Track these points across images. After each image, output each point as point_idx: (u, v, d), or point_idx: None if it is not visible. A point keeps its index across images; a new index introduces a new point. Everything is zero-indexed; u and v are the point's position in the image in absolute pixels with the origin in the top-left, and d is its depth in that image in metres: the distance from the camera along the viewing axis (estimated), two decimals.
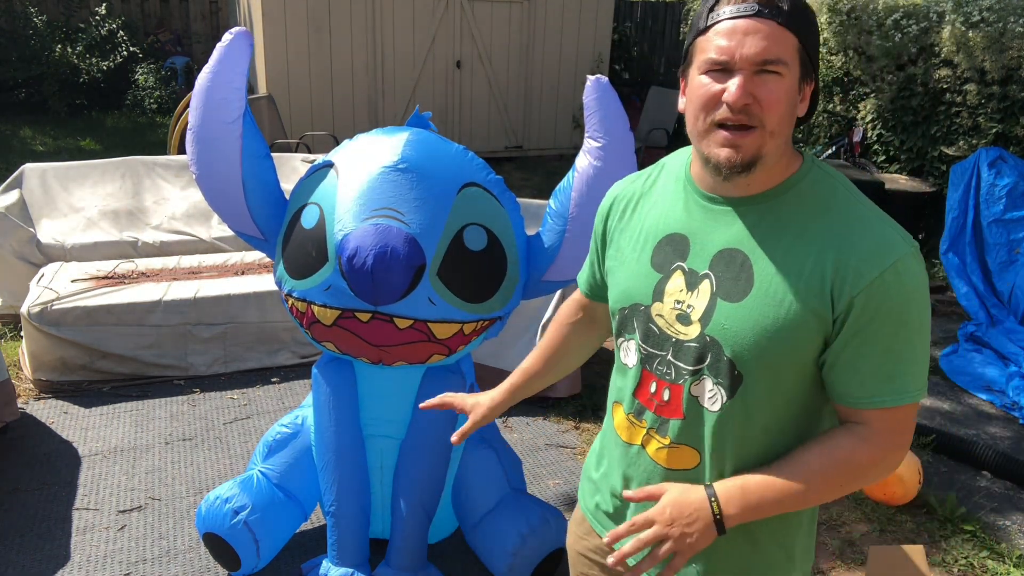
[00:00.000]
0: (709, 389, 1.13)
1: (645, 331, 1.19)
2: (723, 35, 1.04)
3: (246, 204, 2.01)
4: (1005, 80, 5.28)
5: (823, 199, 1.10)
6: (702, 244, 1.14)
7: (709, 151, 1.08)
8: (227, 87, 1.92)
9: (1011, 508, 2.91)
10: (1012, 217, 4.61)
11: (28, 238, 3.96)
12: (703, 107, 1.07)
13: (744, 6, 1.03)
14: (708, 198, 1.15)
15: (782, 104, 1.04)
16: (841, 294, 1.04)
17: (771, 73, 1.03)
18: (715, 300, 1.11)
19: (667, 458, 1.19)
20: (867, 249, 1.04)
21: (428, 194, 1.87)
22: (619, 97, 1.99)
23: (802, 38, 1.05)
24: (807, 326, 1.06)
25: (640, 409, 1.22)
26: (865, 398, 1.07)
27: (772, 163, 1.09)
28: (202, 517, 2.22)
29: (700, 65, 1.07)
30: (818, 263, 1.05)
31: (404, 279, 1.79)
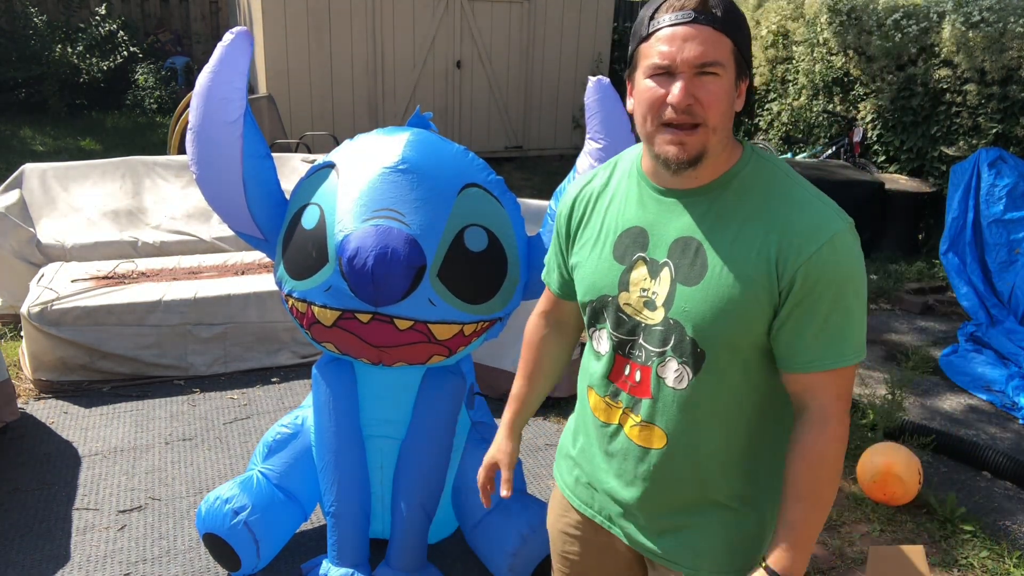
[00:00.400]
0: (675, 369, 1.22)
1: (615, 319, 1.28)
2: (664, 41, 1.12)
3: (247, 204, 2.00)
4: (1005, 80, 5.28)
5: (764, 184, 1.19)
6: (659, 235, 1.23)
7: (659, 149, 1.17)
8: (228, 87, 1.92)
9: (1011, 508, 2.91)
10: (1012, 217, 4.61)
11: (28, 238, 3.96)
12: (650, 109, 1.15)
13: (682, 13, 1.12)
14: (660, 191, 1.24)
15: (721, 103, 1.13)
16: (785, 269, 1.13)
17: (710, 74, 1.12)
18: (675, 285, 1.21)
19: (639, 435, 1.29)
20: (806, 227, 1.14)
21: (429, 195, 1.87)
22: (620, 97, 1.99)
23: (736, 40, 1.14)
24: (758, 301, 1.15)
25: (616, 391, 1.31)
26: (807, 362, 1.17)
27: (716, 156, 1.18)
28: (202, 517, 2.22)
29: (645, 70, 1.15)
30: (764, 244, 1.15)
31: (404, 280, 1.79)
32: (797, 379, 1.19)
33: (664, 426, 1.25)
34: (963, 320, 4.59)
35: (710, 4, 1.13)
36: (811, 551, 1.21)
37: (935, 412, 3.63)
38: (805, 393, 1.20)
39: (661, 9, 1.14)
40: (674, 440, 1.25)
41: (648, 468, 1.29)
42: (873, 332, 4.55)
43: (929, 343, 4.38)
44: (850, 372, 1.20)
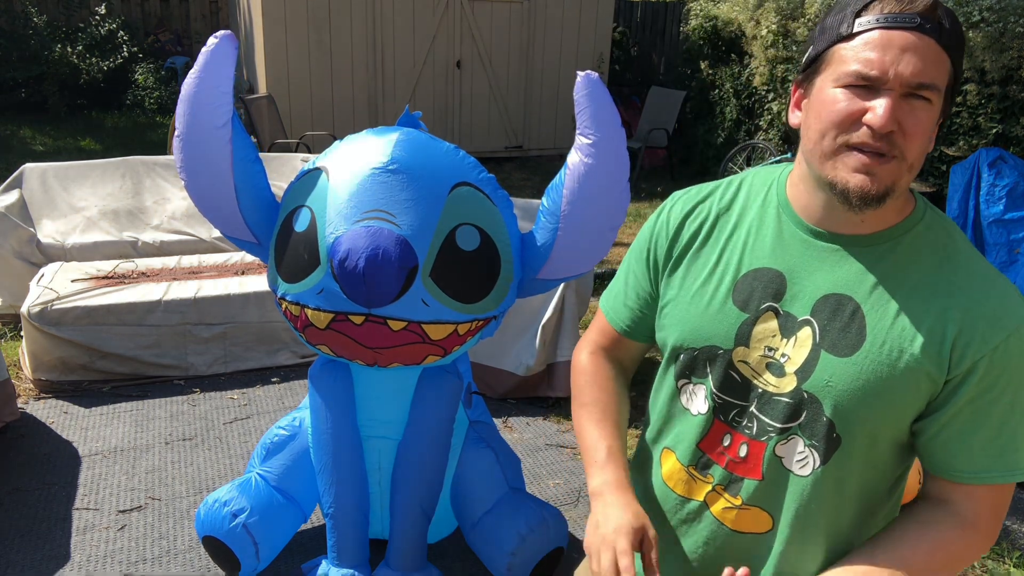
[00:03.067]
0: (799, 451, 1.01)
1: (723, 378, 1.06)
2: (874, 46, 0.90)
3: (238, 208, 2.00)
4: (1005, 80, 5.28)
5: (941, 247, 0.98)
6: (801, 285, 1.01)
7: (836, 175, 0.93)
8: (214, 91, 1.91)
9: (1011, 508, 2.91)
10: (1012, 217, 4.62)
11: (28, 238, 3.96)
12: (836, 125, 0.92)
13: (904, 15, 0.89)
14: (812, 232, 1.01)
15: (925, 136, 0.92)
16: (963, 356, 0.93)
17: (921, 99, 0.90)
18: (818, 351, 0.99)
19: (736, 520, 1.08)
20: (993, 309, 0.94)
21: (419, 195, 1.86)
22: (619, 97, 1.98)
23: (956, 63, 0.92)
24: (917, 388, 0.96)
25: (707, 462, 1.09)
26: (972, 472, 0.97)
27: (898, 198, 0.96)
28: (201, 520, 2.22)
29: (838, 77, 0.92)
30: (939, 319, 0.94)
31: (396, 281, 1.79)
32: (954, 489, 0.99)
33: (773, 511, 1.05)
34: None
35: (939, 13, 0.90)
36: None
37: None
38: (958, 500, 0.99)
39: (875, 5, 0.91)
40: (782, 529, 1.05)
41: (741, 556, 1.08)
42: None
43: None
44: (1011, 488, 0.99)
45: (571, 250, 1.96)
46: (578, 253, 1.97)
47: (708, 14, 8.16)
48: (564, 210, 1.92)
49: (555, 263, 2.01)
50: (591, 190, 1.86)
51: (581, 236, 1.93)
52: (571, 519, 2.69)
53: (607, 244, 1.97)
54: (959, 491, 0.99)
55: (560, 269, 2.02)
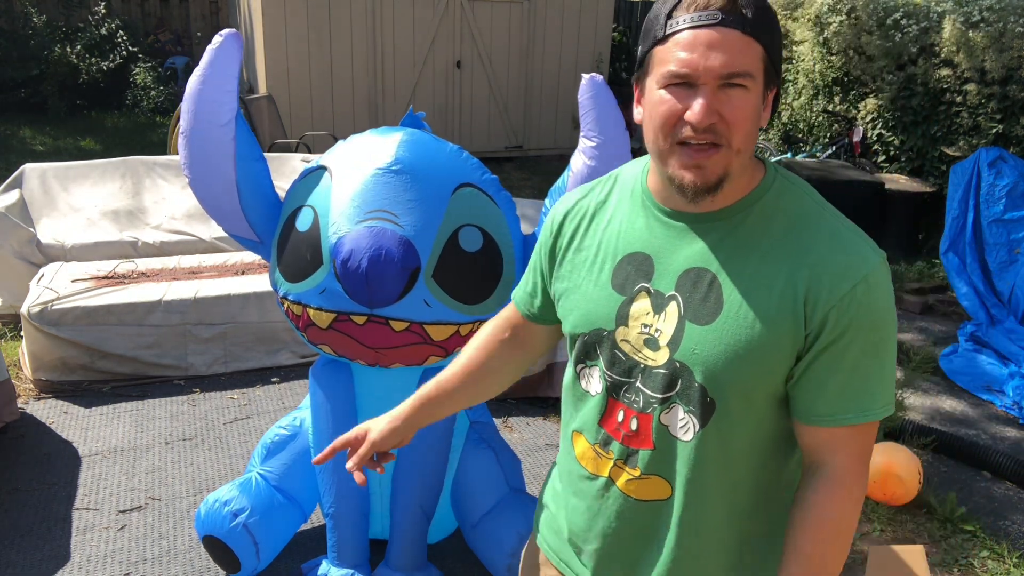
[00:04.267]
0: (680, 418, 1.07)
1: (610, 357, 1.13)
2: (684, 46, 0.96)
3: (241, 207, 2.00)
4: (1005, 80, 5.28)
5: (790, 210, 1.05)
6: (666, 263, 1.08)
7: (672, 172, 1.01)
8: (219, 90, 1.91)
9: (1011, 508, 2.91)
10: (1012, 217, 4.62)
11: (28, 238, 3.96)
12: (663, 126, 1.00)
13: (706, 14, 0.96)
14: (669, 214, 1.09)
15: (748, 120, 0.98)
16: (815, 310, 1.00)
17: (737, 87, 0.97)
18: (683, 323, 1.05)
19: (638, 490, 1.13)
20: (839, 263, 1.00)
21: (422, 196, 1.86)
22: (619, 97, 1.98)
23: (767, 46, 0.98)
24: (780, 345, 1.02)
25: (607, 439, 1.15)
26: (830, 415, 1.03)
27: (736, 178, 1.03)
28: (201, 520, 2.22)
29: (659, 78, 0.99)
30: (790, 281, 1.01)
31: (399, 282, 1.79)
32: (816, 433, 1.05)
33: (669, 478, 1.11)
34: (963, 320, 4.59)
35: (739, 3, 0.97)
36: None
37: (935, 412, 3.63)
38: (822, 449, 1.06)
39: (681, 6, 0.98)
40: (679, 493, 1.10)
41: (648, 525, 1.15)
42: None
43: (929, 343, 4.38)
44: (874, 428, 1.06)
45: None
46: None
47: None
48: None
49: None
50: None
51: None
52: None
53: None
54: (821, 435, 1.05)
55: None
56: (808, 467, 1.09)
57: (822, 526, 1.05)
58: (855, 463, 1.05)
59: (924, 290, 5.06)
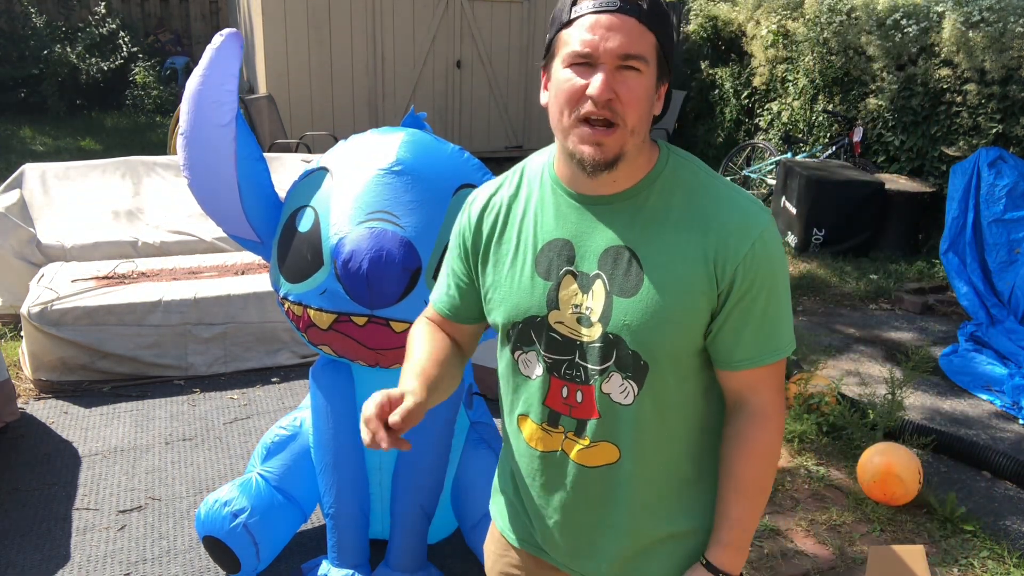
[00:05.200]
0: (619, 384, 1.16)
1: (547, 340, 1.19)
2: (587, 28, 1.06)
3: (242, 207, 2.00)
4: (1005, 80, 5.28)
5: (686, 184, 1.15)
6: (585, 246, 1.16)
7: (574, 147, 1.09)
8: (219, 90, 1.91)
9: (1011, 508, 2.91)
10: (1012, 217, 4.62)
11: (28, 238, 3.96)
12: (567, 101, 1.08)
13: (606, 1, 1.06)
14: (579, 198, 1.17)
15: (642, 102, 1.08)
16: (724, 270, 1.11)
17: (631, 69, 1.06)
18: (611, 298, 1.14)
19: (590, 456, 1.21)
20: (736, 224, 1.11)
21: (423, 197, 1.86)
22: None
23: (660, 37, 1.08)
24: (697, 307, 1.12)
25: (555, 416, 1.22)
26: (747, 360, 1.15)
27: (634, 159, 1.12)
28: (201, 520, 2.22)
29: (564, 58, 1.09)
30: (699, 247, 1.11)
31: (400, 283, 1.79)
32: (738, 377, 1.17)
33: (617, 441, 1.19)
34: (963, 320, 4.59)
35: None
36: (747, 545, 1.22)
37: (935, 412, 3.63)
38: (744, 390, 1.18)
39: None
40: (627, 454, 1.19)
41: (603, 488, 1.22)
42: (873, 332, 4.56)
43: (929, 343, 4.38)
44: (783, 363, 1.20)
45: None
46: None
47: (708, 14, 8.16)
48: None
49: None
50: None
51: None
52: None
53: None
54: (742, 378, 1.17)
55: None
56: (732, 406, 1.21)
57: (755, 453, 1.18)
58: (774, 396, 1.19)
59: (924, 290, 5.06)
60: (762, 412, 1.18)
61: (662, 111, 1.16)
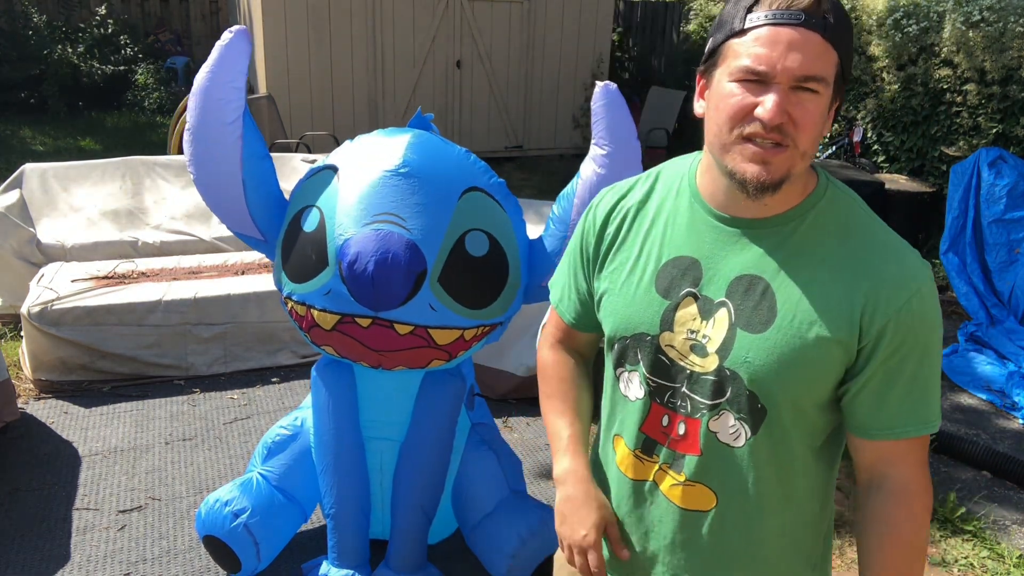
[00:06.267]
0: (731, 425, 1.06)
1: (652, 362, 1.11)
2: (763, 42, 0.94)
3: (247, 205, 2.00)
4: (1005, 80, 5.28)
5: (843, 221, 1.04)
6: (715, 269, 1.06)
7: (735, 165, 0.99)
8: (227, 87, 1.91)
9: (1011, 508, 2.91)
10: (1012, 217, 4.61)
11: (28, 238, 3.96)
12: (732, 119, 0.98)
13: (789, 13, 0.94)
14: (720, 218, 1.07)
15: (816, 125, 0.97)
16: (872, 322, 0.99)
17: (808, 91, 0.95)
18: (734, 330, 1.04)
19: (682, 496, 1.12)
20: (894, 275, 1.00)
21: (430, 199, 1.86)
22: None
23: (842, 54, 0.98)
24: (832, 356, 1.01)
25: (650, 444, 1.14)
26: (891, 429, 1.02)
27: (794, 183, 1.02)
28: (202, 520, 2.22)
29: (732, 72, 0.97)
30: (847, 290, 1.00)
31: (405, 285, 1.78)
32: (876, 448, 1.04)
33: (715, 487, 1.09)
34: (963, 320, 4.59)
35: (823, 7, 0.94)
36: None
37: None
38: (883, 463, 1.05)
39: (763, 2, 0.95)
40: (725, 503, 1.09)
41: (691, 533, 1.13)
42: None
43: None
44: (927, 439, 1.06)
45: None
46: None
47: (708, 14, 8.16)
48: (574, 218, 1.93)
49: None
50: None
51: None
52: None
53: None
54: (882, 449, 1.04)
55: None
56: (869, 482, 1.07)
57: (903, 542, 1.04)
58: (918, 473, 1.04)
59: None
60: (903, 489, 1.04)
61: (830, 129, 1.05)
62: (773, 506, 1.09)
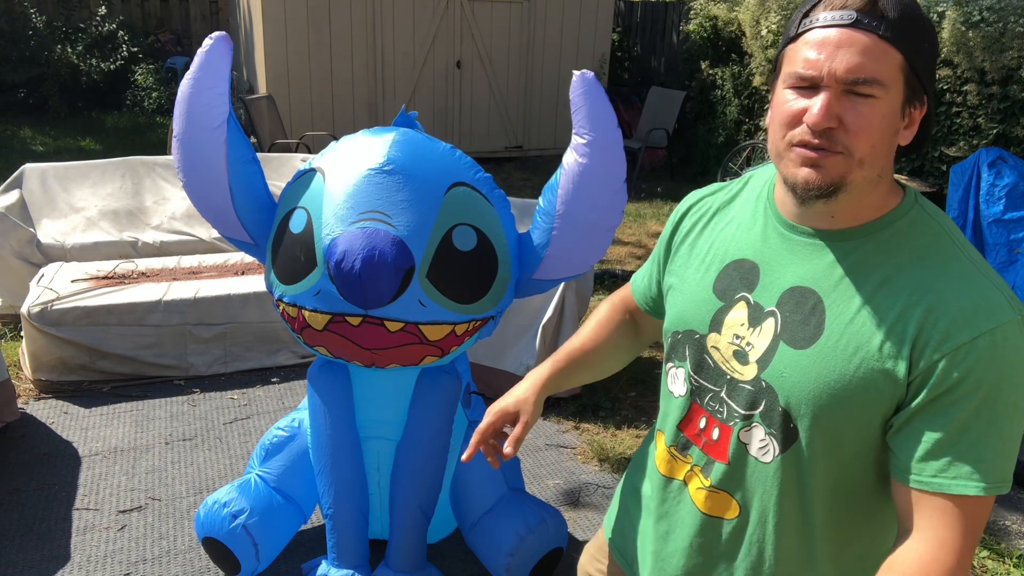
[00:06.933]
0: (760, 439, 1.02)
1: (698, 361, 1.09)
2: (813, 46, 0.91)
3: (234, 210, 2.00)
4: (1005, 80, 5.28)
5: (920, 245, 0.95)
6: (773, 277, 1.02)
7: (787, 171, 0.96)
8: (210, 92, 1.91)
9: (1011, 508, 2.91)
10: (1012, 217, 4.61)
11: (28, 238, 3.96)
12: (784, 125, 0.95)
13: (841, 13, 0.90)
14: (789, 226, 1.03)
15: (874, 131, 0.91)
16: (922, 355, 0.90)
17: (864, 96, 0.90)
18: (777, 342, 1.00)
19: (706, 502, 1.09)
20: (962, 308, 0.89)
21: (415, 195, 1.86)
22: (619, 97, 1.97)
23: (909, 54, 0.90)
24: (876, 387, 0.92)
25: (685, 443, 1.12)
26: (923, 476, 0.90)
27: (862, 195, 0.95)
28: (200, 522, 2.22)
29: (786, 78, 0.95)
30: (902, 317, 0.92)
31: (393, 282, 1.78)
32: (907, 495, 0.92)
33: (738, 498, 1.06)
34: None
35: (880, 6, 0.90)
36: None
37: None
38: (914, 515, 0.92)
39: (820, 5, 0.93)
40: (746, 515, 1.06)
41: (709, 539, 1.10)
42: None
43: None
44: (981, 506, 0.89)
45: (567, 250, 1.96)
46: (574, 253, 1.97)
47: (708, 14, 8.16)
48: (559, 210, 1.91)
49: (551, 263, 2.00)
50: (586, 190, 1.86)
51: (577, 236, 1.92)
52: (571, 519, 2.69)
53: (604, 245, 1.96)
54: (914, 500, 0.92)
55: (556, 270, 2.01)
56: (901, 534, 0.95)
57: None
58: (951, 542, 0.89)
59: None
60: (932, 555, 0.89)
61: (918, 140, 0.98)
62: (791, 529, 1.04)
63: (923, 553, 0.90)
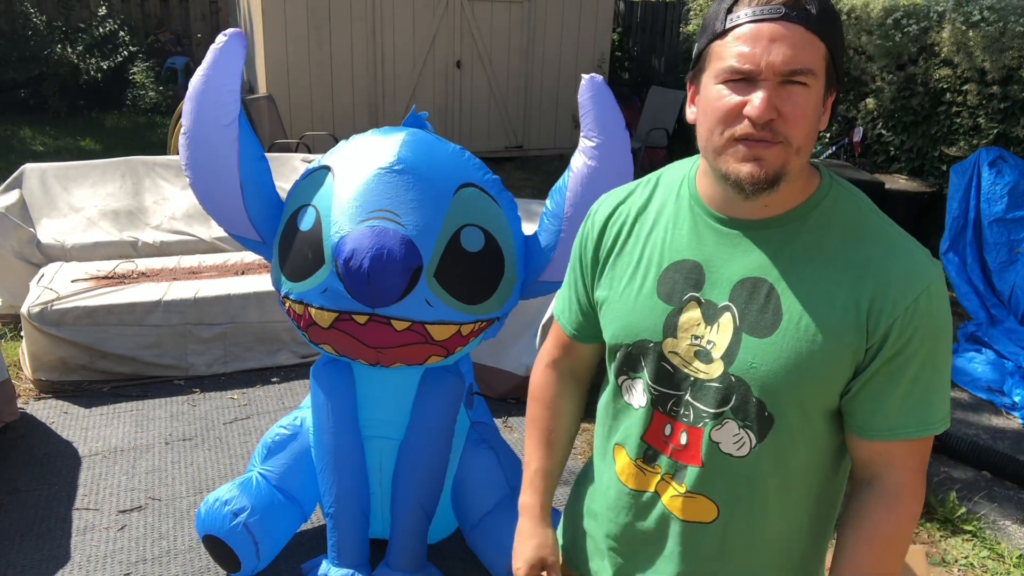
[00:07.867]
0: (735, 434, 1.04)
1: (656, 370, 1.08)
2: (745, 40, 0.93)
3: (244, 207, 2.00)
4: (1005, 80, 5.28)
5: (849, 220, 1.01)
6: (718, 273, 1.03)
7: (727, 167, 0.97)
8: (222, 89, 1.91)
9: (1011, 508, 2.91)
10: (1012, 217, 4.61)
11: (28, 238, 3.96)
12: (721, 121, 0.96)
13: (769, 7, 0.92)
14: (721, 220, 1.04)
15: (809, 119, 0.95)
16: (878, 322, 0.97)
17: (798, 84, 0.93)
18: (739, 335, 1.01)
19: (683, 508, 1.09)
20: (901, 273, 0.97)
21: (424, 195, 1.86)
22: (619, 97, 1.98)
23: (830, 45, 0.95)
24: (841, 360, 0.99)
25: (653, 454, 1.11)
26: (889, 429, 1.00)
27: (793, 181, 0.99)
28: (201, 519, 2.22)
29: (717, 73, 0.96)
30: (853, 291, 0.98)
31: (401, 281, 1.79)
32: (872, 447, 1.02)
33: (716, 499, 1.07)
34: (963, 320, 4.59)
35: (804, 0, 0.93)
36: None
37: None
38: (878, 463, 1.03)
39: (742, 1, 0.94)
40: (727, 514, 1.07)
41: (692, 545, 1.11)
42: None
43: None
44: (930, 442, 1.03)
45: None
46: None
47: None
48: (567, 212, 1.92)
49: (556, 265, 2.01)
50: (594, 193, 1.87)
51: None
52: None
53: None
54: (878, 450, 1.02)
55: (562, 271, 2.02)
56: (861, 480, 1.06)
57: (880, 541, 1.02)
58: (912, 477, 1.02)
59: None
60: (894, 493, 1.02)
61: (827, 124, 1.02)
62: (774, 514, 1.07)
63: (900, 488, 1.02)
